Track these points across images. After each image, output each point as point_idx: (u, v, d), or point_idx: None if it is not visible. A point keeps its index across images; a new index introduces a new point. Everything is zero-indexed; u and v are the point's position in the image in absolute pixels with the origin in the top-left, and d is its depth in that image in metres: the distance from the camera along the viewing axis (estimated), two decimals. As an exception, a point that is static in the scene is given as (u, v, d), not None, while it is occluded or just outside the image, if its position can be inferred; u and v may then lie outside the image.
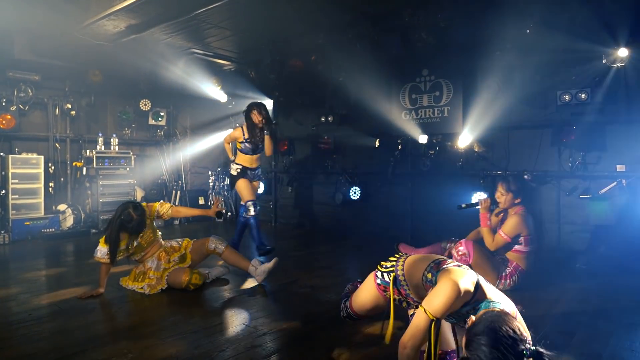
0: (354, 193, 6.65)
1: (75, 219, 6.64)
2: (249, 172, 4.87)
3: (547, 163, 5.13)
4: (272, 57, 6.27)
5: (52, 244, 5.85)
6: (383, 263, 2.26)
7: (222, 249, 3.85)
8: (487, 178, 5.43)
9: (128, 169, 7.17)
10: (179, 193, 8.13)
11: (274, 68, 6.53)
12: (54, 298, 3.51)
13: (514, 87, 5.23)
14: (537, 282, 3.93)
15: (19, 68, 6.30)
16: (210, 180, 8.43)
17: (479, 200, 3.68)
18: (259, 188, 5.38)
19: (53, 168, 6.86)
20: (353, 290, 2.49)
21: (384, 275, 2.19)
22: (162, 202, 3.89)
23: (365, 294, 2.30)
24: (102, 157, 6.90)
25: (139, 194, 7.41)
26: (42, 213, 6.31)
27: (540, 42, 4.54)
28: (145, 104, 7.84)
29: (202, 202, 8.24)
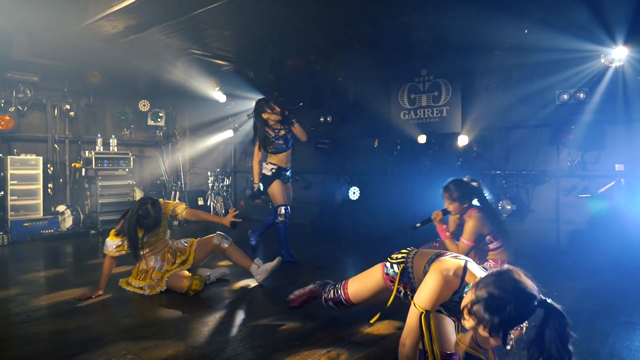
0: (353, 193, 6.66)
1: (75, 220, 6.64)
2: (283, 172, 4.74)
3: (546, 162, 5.14)
4: (270, 57, 6.27)
5: (51, 245, 5.85)
6: (394, 255, 2.27)
7: (226, 246, 3.83)
8: (486, 178, 5.44)
9: (127, 170, 7.17)
10: (178, 194, 8.13)
11: (273, 68, 6.52)
12: (53, 299, 3.50)
13: (513, 86, 5.25)
14: (535, 281, 3.94)
15: (18, 69, 6.30)
16: (210, 181, 8.43)
17: (432, 216, 3.68)
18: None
19: (52, 169, 6.86)
20: (320, 292, 2.45)
21: (394, 266, 2.21)
22: (177, 202, 3.86)
23: (368, 283, 2.30)
24: (101, 157, 6.90)
25: (138, 195, 7.40)
26: (41, 214, 6.31)
27: (539, 41, 4.55)
28: (144, 105, 7.84)
29: (201, 202, 8.24)
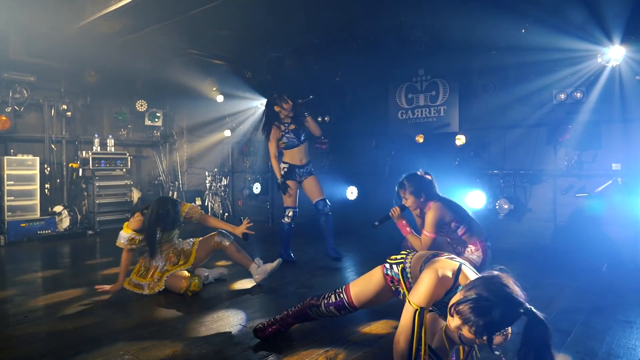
0: (351, 193, 6.66)
1: (72, 221, 6.62)
2: (297, 170, 4.63)
3: (543, 162, 5.15)
4: (268, 57, 6.27)
5: (48, 246, 5.83)
6: (392, 256, 2.32)
7: (227, 244, 3.83)
8: (483, 177, 5.46)
9: (124, 170, 7.16)
10: (176, 194, 8.11)
11: (271, 68, 6.52)
12: (50, 300, 3.49)
13: (510, 86, 5.26)
14: (533, 280, 3.95)
15: (14, 69, 6.28)
16: (207, 181, 8.42)
17: (390, 213, 3.54)
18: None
19: (49, 169, 6.83)
20: (317, 301, 2.49)
21: (393, 267, 2.26)
22: (193, 204, 3.84)
23: (370, 284, 2.34)
24: (98, 158, 6.88)
25: (136, 195, 7.39)
26: (38, 214, 6.30)
27: (536, 41, 4.56)
28: (142, 105, 7.82)
29: (198, 202, 8.22)
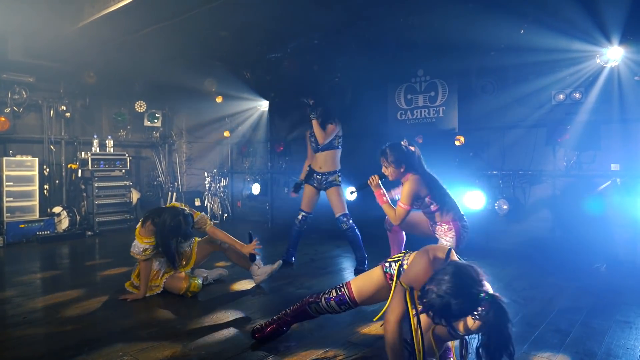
0: (351, 193, 6.64)
1: (71, 221, 6.61)
2: (315, 175, 4.68)
3: (542, 162, 5.15)
4: (267, 58, 6.27)
5: (47, 247, 5.82)
6: (393, 256, 2.43)
7: (226, 245, 3.81)
8: (482, 177, 5.46)
9: (123, 171, 7.15)
10: (175, 194, 8.11)
11: (270, 69, 6.52)
12: (49, 301, 3.49)
13: (509, 87, 5.27)
14: (532, 280, 3.96)
15: (13, 70, 6.27)
16: (206, 182, 8.42)
17: (368, 180, 3.50)
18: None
19: (48, 170, 6.83)
20: (316, 298, 2.60)
21: (392, 265, 2.35)
22: (203, 214, 3.78)
23: (371, 281, 2.43)
24: (97, 159, 6.87)
25: (135, 196, 7.38)
26: (37, 215, 6.28)
27: (535, 42, 4.57)
28: (141, 106, 7.82)
29: (198, 203, 8.22)
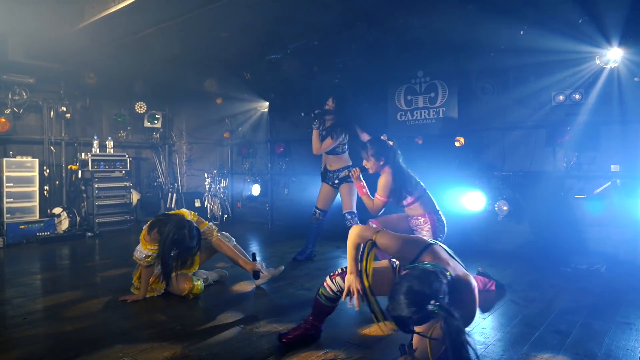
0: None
1: (71, 222, 6.61)
2: (328, 174, 4.76)
3: (542, 163, 5.15)
4: (267, 59, 6.27)
5: (47, 248, 5.82)
6: None
7: (230, 247, 3.79)
8: (482, 178, 5.45)
9: (124, 172, 7.15)
10: (175, 195, 8.11)
11: (270, 70, 6.52)
12: (49, 302, 3.49)
13: (509, 88, 5.27)
14: (532, 282, 3.96)
15: (13, 71, 6.27)
16: (206, 183, 8.42)
17: (350, 173, 3.80)
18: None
19: (48, 171, 6.83)
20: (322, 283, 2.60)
21: (395, 261, 2.47)
22: (211, 224, 3.75)
23: (377, 265, 2.46)
24: (97, 159, 6.87)
25: (135, 197, 7.38)
26: (37, 216, 6.28)
27: (534, 43, 4.57)
28: (141, 107, 7.82)
29: (198, 204, 8.22)
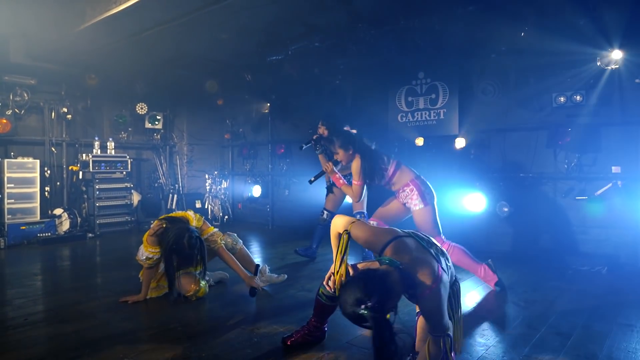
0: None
1: (72, 223, 6.61)
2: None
3: (543, 165, 5.15)
4: (268, 60, 6.28)
5: (48, 249, 5.82)
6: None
7: (237, 248, 3.80)
8: (483, 180, 5.45)
9: (124, 173, 7.16)
10: (176, 196, 8.11)
11: (271, 71, 6.53)
12: (50, 303, 3.49)
13: (510, 89, 5.27)
14: (533, 283, 3.95)
15: (15, 72, 6.29)
16: (207, 184, 8.42)
17: (323, 168, 4.14)
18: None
19: (49, 172, 6.84)
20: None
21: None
22: (216, 230, 3.72)
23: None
24: (98, 160, 6.88)
25: (136, 198, 7.39)
26: (38, 217, 6.29)
27: (535, 44, 4.57)
28: (142, 108, 7.83)
29: (198, 205, 8.22)
